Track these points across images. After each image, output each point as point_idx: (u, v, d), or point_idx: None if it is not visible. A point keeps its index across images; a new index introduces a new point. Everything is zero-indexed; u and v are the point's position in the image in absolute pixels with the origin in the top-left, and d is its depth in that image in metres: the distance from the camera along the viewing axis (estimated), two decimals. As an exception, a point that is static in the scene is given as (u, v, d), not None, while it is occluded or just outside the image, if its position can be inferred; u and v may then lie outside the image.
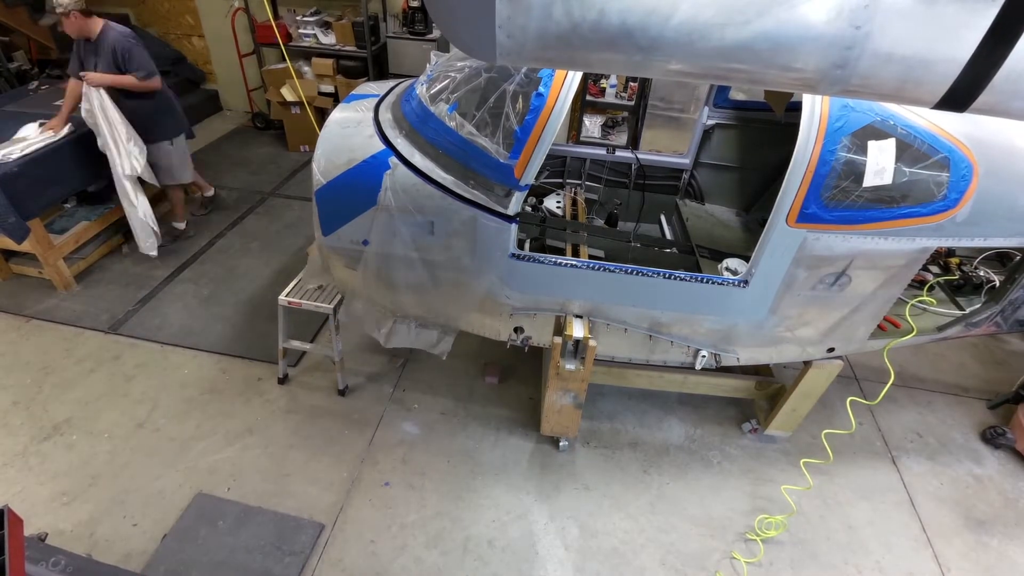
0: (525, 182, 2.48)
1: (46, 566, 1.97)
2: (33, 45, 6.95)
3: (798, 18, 1.09)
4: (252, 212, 5.56)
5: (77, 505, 3.01)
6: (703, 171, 3.94)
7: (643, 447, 3.47)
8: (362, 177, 2.66)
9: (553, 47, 1.19)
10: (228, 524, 2.93)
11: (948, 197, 2.35)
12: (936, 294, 3.32)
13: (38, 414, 3.47)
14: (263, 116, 7.13)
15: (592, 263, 2.73)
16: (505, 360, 3.90)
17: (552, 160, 3.88)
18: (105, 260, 4.77)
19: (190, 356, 3.92)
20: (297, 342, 3.57)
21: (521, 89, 2.59)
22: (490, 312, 2.97)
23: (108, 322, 4.15)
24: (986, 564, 2.98)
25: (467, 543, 2.94)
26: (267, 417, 3.52)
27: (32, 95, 5.06)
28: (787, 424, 3.40)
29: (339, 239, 2.86)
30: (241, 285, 4.58)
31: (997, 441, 3.53)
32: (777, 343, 2.95)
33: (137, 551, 2.83)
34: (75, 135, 4.30)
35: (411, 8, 5.95)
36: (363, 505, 3.08)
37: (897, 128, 2.29)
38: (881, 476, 3.39)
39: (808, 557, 2.97)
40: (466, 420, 3.57)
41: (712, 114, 3.67)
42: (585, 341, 2.78)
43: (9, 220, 3.81)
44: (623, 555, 2.93)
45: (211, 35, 7.13)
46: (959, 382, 4.03)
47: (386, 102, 3.02)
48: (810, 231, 2.44)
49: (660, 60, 1.19)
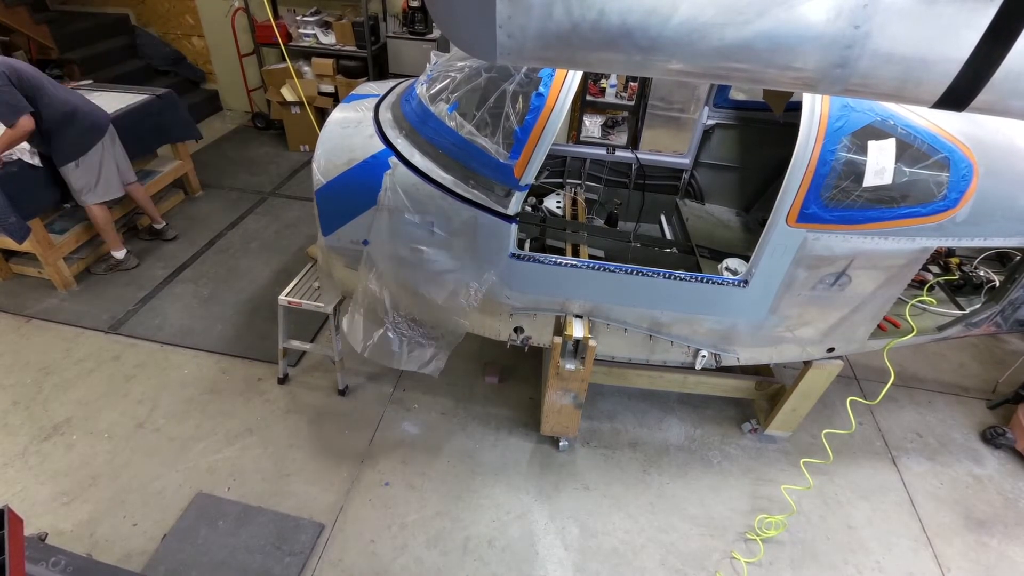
0: (525, 182, 2.48)
1: (46, 566, 1.96)
2: (33, 45, 6.95)
3: (798, 18, 1.09)
4: (252, 212, 5.56)
5: (77, 505, 3.01)
6: (703, 171, 3.94)
7: (643, 447, 3.47)
8: (362, 177, 2.67)
9: (553, 47, 1.20)
10: (228, 524, 2.93)
11: (948, 197, 2.35)
12: (936, 294, 3.32)
13: (38, 414, 3.47)
14: (263, 116, 7.13)
15: (592, 263, 2.73)
16: (505, 360, 3.91)
17: (552, 160, 3.88)
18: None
19: (190, 356, 3.92)
20: (297, 342, 3.57)
21: (521, 89, 2.59)
22: (490, 312, 2.97)
23: (108, 322, 4.15)
24: (986, 564, 2.98)
25: (467, 543, 2.95)
26: (267, 417, 3.52)
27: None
28: (787, 424, 3.41)
29: (339, 239, 2.87)
30: (241, 285, 4.58)
31: (997, 441, 3.53)
32: (777, 343, 2.95)
33: (137, 551, 2.83)
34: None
35: (411, 8, 5.95)
36: (363, 505, 3.08)
37: (897, 128, 2.29)
38: (881, 476, 3.39)
39: (808, 557, 2.97)
40: (466, 420, 3.57)
41: (712, 114, 3.67)
42: (585, 341, 2.79)
43: (9, 220, 3.80)
44: (623, 555, 2.93)
45: (211, 35, 7.13)
46: (959, 382, 4.03)
47: (386, 102, 3.02)
48: (810, 231, 2.44)
49: (660, 60, 1.19)
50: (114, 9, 7.14)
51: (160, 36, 7.28)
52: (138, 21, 7.27)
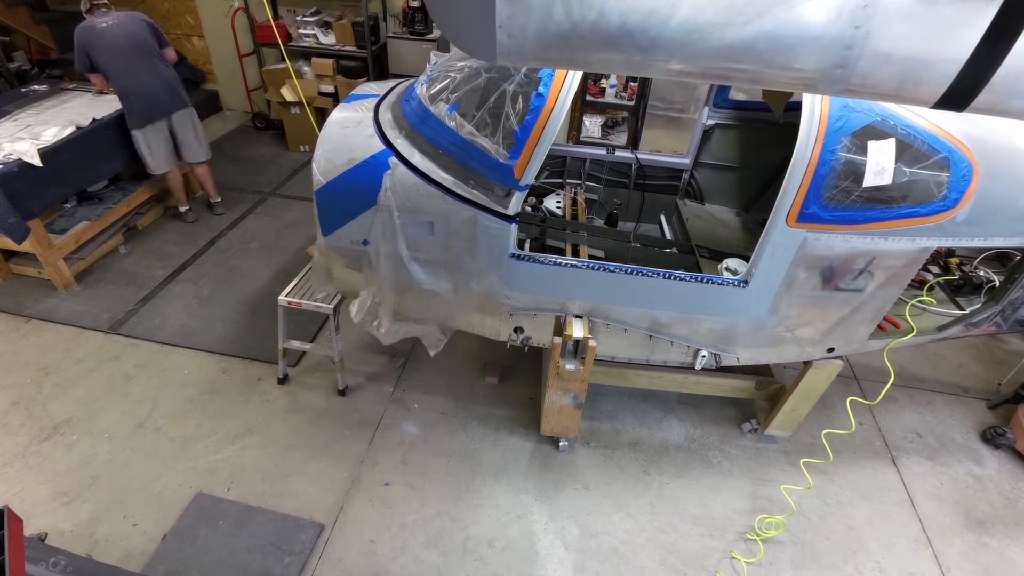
0: (525, 182, 2.48)
1: (46, 566, 1.96)
2: (33, 45, 6.96)
3: (798, 18, 1.09)
4: (252, 212, 5.56)
5: (77, 505, 3.01)
6: (703, 171, 3.94)
7: (643, 447, 3.47)
8: (362, 177, 2.66)
9: (553, 47, 1.19)
10: (228, 524, 2.93)
11: (948, 197, 2.35)
12: (936, 294, 3.32)
13: (38, 414, 3.47)
14: (263, 116, 7.14)
15: (592, 263, 2.73)
16: (505, 360, 3.90)
17: (552, 160, 3.88)
18: (105, 260, 4.77)
19: (190, 356, 3.92)
20: (297, 342, 3.57)
21: (521, 89, 2.59)
22: (490, 312, 2.97)
23: (108, 322, 4.15)
24: (986, 564, 2.98)
25: (467, 543, 2.95)
26: (267, 417, 3.52)
27: (31, 95, 5.06)
28: (787, 424, 3.41)
29: (339, 239, 2.86)
30: (241, 285, 4.58)
31: (997, 441, 3.53)
32: (777, 343, 2.95)
33: (137, 551, 2.83)
34: (75, 135, 4.32)
35: (411, 8, 5.95)
36: (363, 505, 3.08)
37: (897, 128, 2.29)
38: (881, 476, 3.39)
39: (808, 557, 2.97)
40: (466, 420, 3.57)
41: (712, 114, 3.67)
42: (585, 341, 2.79)
43: (9, 220, 3.81)
44: (623, 555, 2.93)
45: (211, 35, 7.13)
46: (959, 382, 4.03)
47: (386, 102, 3.02)
48: (810, 231, 2.44)
49: (660, 60, 1.19)
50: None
51: (160, 36, 7.28)
52: (138, 21, 7.26)
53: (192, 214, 5.33)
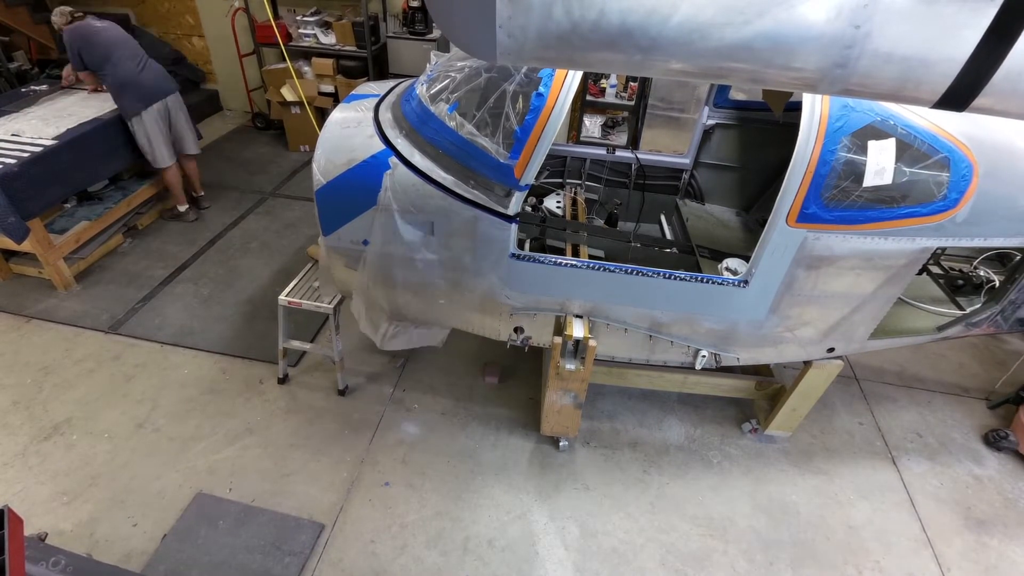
0: (525, 182, 2.48)
1: (46, 566, 1.96)
2: (33, 45, 6.96)
3: (798, 18, 1.09)
4: (252, 212, 5.56)
5: (77, 505, 3.01)
6: (703, 171, 3.94)
7: (643, 447, 3.47)
8: (362, 177, 2.67)
9: (553, 47, 1.19)
10: (228, 524, 2.93)
11: (948, 197, 2.35)
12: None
13: (38, 414, 3.47)
14: (263, 116, 7.14)
15: (592, 263, 2.73)
16: (505, 360, 3.90)
17: (552, 160, 3.88)
18: (105, 260, 4.78)
19: (190, 356, 3.92)
20: (297, 342, 3.57)
21: (521, 89, 2.59)
22: (490, 312, 2.97)
23: (108, 322, 4.15)
24: (986, 564, 2.98)
25: (467, 543, 2.94)
26: (267, 417, 3.52)
27: (31, 95, 5.06)
28: (787, 424, 3.40)
29: (339, 239, 2.86)
30: (241, 285, 4.58)
31: (1000, 444, 3.52)
32: (777, 343, 2.95)
33: (137, 551, 2.83)
34: (75, 135, 4.32)
35: (411, 8, 5.95)
36: (363, 505, 3.08)
37: (897, 128, 2.29)
38: (881, 476, 3.39)
39: (808, 557, 2.97)
40: (466, 420, 3.57)
41: (712, 114, 3.67)
42: (585, 341, 2.79)
43: (9, 220, 3.81)
44: (623, 555, 2.93)
45: (211, 35, 7.13)
46: (959, 382, 4.03)
47: (386, 102, 3.02)
48: (810, 231, 2.44)
49: (660, 60, 1.19)
50: (114, 9, 7.13)
51: (160, 36, 7.28)
52: (138, 21, 7.26)
53: (192, 212, 5.35)
